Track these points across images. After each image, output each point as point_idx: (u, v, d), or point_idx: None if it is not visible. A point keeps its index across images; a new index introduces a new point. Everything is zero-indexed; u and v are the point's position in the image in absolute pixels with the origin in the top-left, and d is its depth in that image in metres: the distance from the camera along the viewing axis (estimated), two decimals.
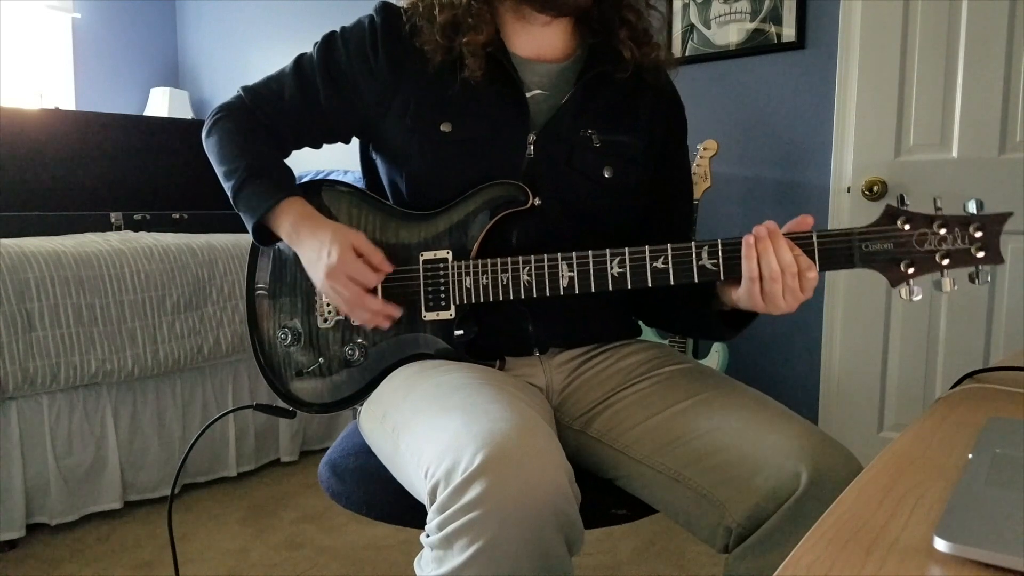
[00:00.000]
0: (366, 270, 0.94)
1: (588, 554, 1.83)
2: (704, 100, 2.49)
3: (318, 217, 0.99)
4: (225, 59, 4.04)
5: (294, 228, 0.98)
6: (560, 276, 0.91)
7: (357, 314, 0.96)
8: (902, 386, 2.27)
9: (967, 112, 2.09)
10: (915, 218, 0.79)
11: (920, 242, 0.79)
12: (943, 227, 0.78)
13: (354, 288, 0.94)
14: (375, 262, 0.95)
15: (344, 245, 0.94)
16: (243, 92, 1.08)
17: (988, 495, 0.51)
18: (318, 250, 0.95)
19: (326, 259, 0.94)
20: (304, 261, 0.99)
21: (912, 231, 0.79)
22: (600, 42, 1.04)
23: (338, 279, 0.94)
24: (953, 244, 0.78)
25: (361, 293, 0.94)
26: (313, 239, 0.96)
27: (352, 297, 0.94)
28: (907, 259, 0.80)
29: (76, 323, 1.88)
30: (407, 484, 0.87)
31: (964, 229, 0.78)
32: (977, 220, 0.77)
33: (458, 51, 0.98)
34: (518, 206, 0.96)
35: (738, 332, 0.96)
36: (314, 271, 0.97)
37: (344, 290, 0.94)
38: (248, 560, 1.80)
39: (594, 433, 0.97)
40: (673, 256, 0.87)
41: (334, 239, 0.94)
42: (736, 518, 0.81)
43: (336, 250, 0.93)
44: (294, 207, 1.00)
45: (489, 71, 0.99)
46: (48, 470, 1.89)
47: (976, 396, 0.82)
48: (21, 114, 2.52)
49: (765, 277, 0.81)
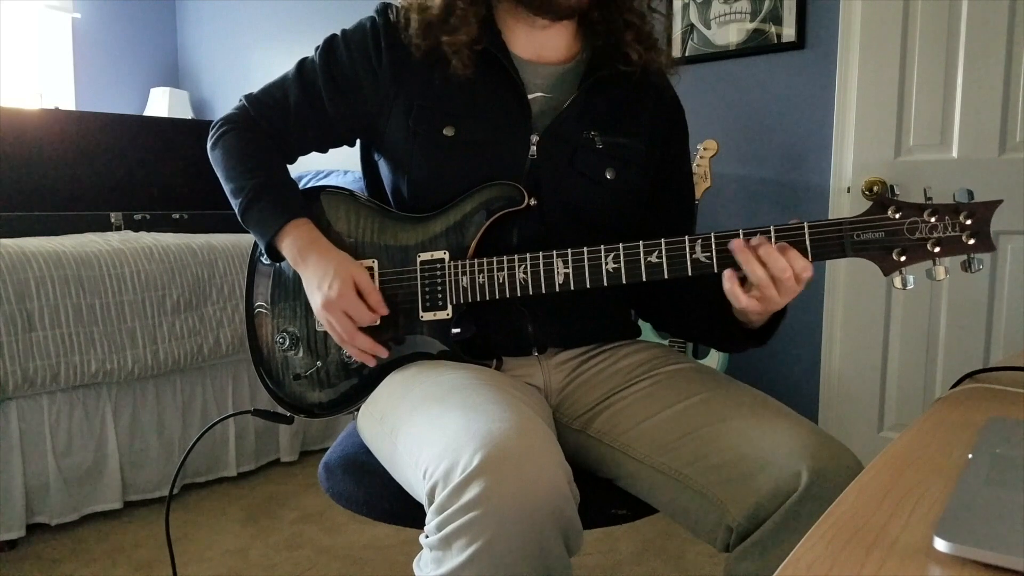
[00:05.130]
0: (362, 309, 0.96)
1: (588, 554, 1.83)
2: (704, 100, 2.49)
3: (324, 243, 1.00)
4: (225, 59, 4.04)
5: (300, 252, 0.99)
6: (556, 273, 0.91)
7: (347, 348, 0.99)
8: (902, 386, 2.27)
9: (967, 112, 2.09)
10: (905, 207, 0.80)
11: (911, 230, 0.80)
12: (933, 215, 0.79)
13: (348, 324, 0.96)
14: (372, 302, 0.97)
15: (346, 280, 0.95)
16: (246, 102, 1.07)
17: (988, 495, 0.51)
18: (320, 279, 0.97)
19: (326, 290, 0.95)
20: (306, 284, 1.00)
21: (903, 220, 0.80)
22: (603, 45, 1.04)
23: (334, 312, 0.96)
24: (944, 232, 0.79)
25: (353, 330, 0.97)
26: (317, 267, 0.97)
27: (344, 332, 0.97)
28: (898, 247, 0.80)
29: (76, 323, 1.88)
30: (406, 484, 0.87)
31: (954, 217, 0.78)
32: (967, 208, 0.78)
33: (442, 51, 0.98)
34: (514, 206, 0.96)
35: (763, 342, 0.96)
36: (313, 297, 0.99)
37: (337, 324, 0.96)
38: (248, 560, 1.80)
39: (594, 433, 0.97)
40: (667, 250, 0.87)
41: (337, 272, 0.96)
42: (737, 517, 0.81)
43: (337, 284, 0.95)
44: (299, 230, 1.00)
45: (489, 72, 0.99)
46: (48, 470, 1.89)
47: (976, 396, 0.82)
48: (21, 114, 2.52)
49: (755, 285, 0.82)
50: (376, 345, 0.98)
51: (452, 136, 0.98)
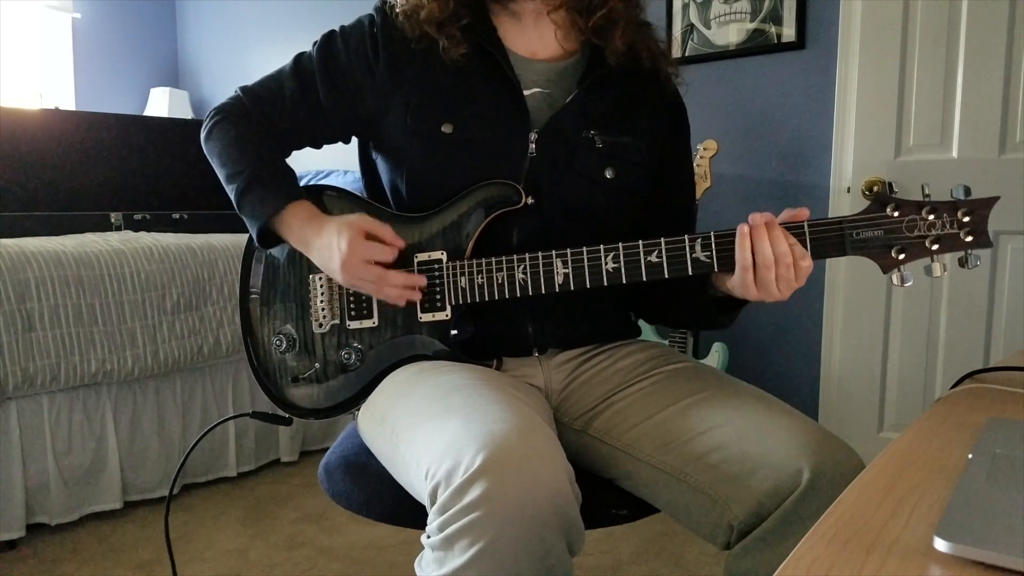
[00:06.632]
0: (380, 247, 0.94)
1: (588, 554, 1.83)
2: (704, 100, 2.49)
3: (320, 216, 0.99)
4: (225, 59, 4.04)
5: (301, 231, 0.98)
6: (555, 273, 0.91)
7: (386, 293, 0.95)
8: (902, 386, 2.27)
9: (967, 112, 2.09)
10: (904, 205, 0.80)
11: (910, 228, 0.80)
12: (931, 212, 0.80)
13: (375, 269, 0.93)
14: (387, 238, 0.95)
15: (351, 232, 0.94)
16: (241, 93, 1.07)
17: (988, 495, 0.51)
18: (328, 247, 0.95)
19: (338, 251, 0.93)
20: (319, 262, 0.99)
21: (901, 217, 0.80)
22: (603, 43, 1.04)
23: (355, 263, 0.93)
24: (942, 229, 0.79)
25: (383, 272, 0.94)
26: (320, 238, 0.96)
27: (376, 278, 0.94)
28: (897, 245, 0.81)
29: (76, 323, 1.88)
30: (407, 485, 0.87)
31: (952, 214, 0.79)
32: (965, 205, 0.79)
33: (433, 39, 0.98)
34: (511, 206, 0.96)
35: (733, 318, 0.97)
36: (332, 267, 0.96)
37: (366, 274, 0.93)
38: (248, 560, 1.80)
39: (595, 433, 0.97)
40: (667, 249, 0.87)
41: (340, 230, 0.94)
42: (738, 515, 0.81)
43: (345, 239, 0.93)
44: (300, 211, 0.99)
45: (484, 68, 0.99)
46: (48, 470, 1.89)
47: (976, 396, 0.82)
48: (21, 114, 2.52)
49: (759, 264, 0.82)
50: (412, 275, 0.95)
51: (451, 133, 0.98)
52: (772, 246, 0.81)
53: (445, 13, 0.98)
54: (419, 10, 0.99)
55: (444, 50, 0.98)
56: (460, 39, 0.98)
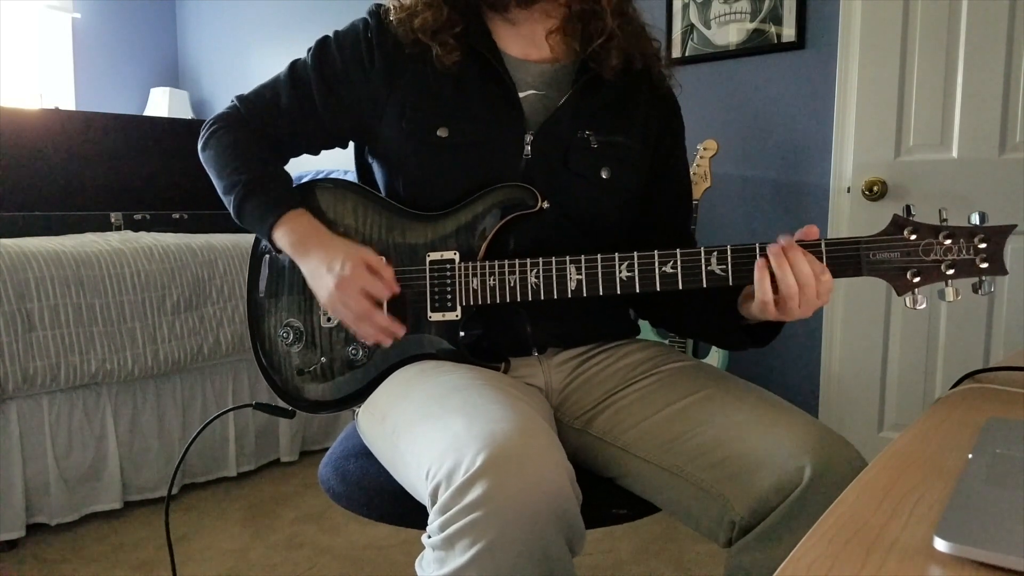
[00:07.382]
0: (379, 284, 0.94)
1: (588, 554, 1.83)
2: (704, 100, 2.49)
3: (325, 232, 1.00)
4: (225, 59, 4.04)
5: (300, 242, 0.98)
6: (568, 279, 0.91)
7: (363, 328, 0.96)
8: (902, 386, 2.27)
9: (967, 112, 2.09)
10: (921, 228, 0.80)
11: (926, 252, 0.80)
12: (948, 237, 0.80)
13: (364, 303, 0.94)
14: (387, 277, 0.95)
15: (356, 260, 0.94)
16: (237, 102, 1.07)
17: (988, 495, 0.51)
18: (328, 263, 0.95)
19: (338, 271, 0.94)
20: (309, 274, 0.99)
21: (918, 241, 0.80)
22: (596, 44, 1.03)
23: (349, 291, 0.93)
24: (958, 255, 0.79)
25: (372, 308, 0.94)
26: (322, 252, 0.96)
27: (363, 311, 0.94)
28: (913, 268, 0.81)
29: (76, 323, 1.88)
30: (407, 485, 0.87)
31: (969, 240, 0.79)
32: (982, 231, 0.79)
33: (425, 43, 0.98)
34: (526, 209, 0.96)
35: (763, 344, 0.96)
36: (322, 281, 0.96)
37: (355, 304, 0.94)
38: (248, 560, 1.80)
39: (595, 432, 0.97)
40: (682, 261, 0.87)
41: (347, 254, 0.95)
42: (740, 512, 0.81)
43: (349, 264, 0.94)
44: (297, 220, 1.00)
45: (479, 71, 0.99)
46: (48, 470, 1.89)
47: (976, 396, 0.82)
48: (21, 114, 2.52)
49: (784, 296, 0.81)
50: (394, 322, 0.96)
51: (446, 137, 0.98)
52: (795, 272, 0.80)
53: (439, 21, 0.98)
54: (413, 17, 0.99)
55: (437, 57, 0.98)
56: (454, 46, 0.98)
